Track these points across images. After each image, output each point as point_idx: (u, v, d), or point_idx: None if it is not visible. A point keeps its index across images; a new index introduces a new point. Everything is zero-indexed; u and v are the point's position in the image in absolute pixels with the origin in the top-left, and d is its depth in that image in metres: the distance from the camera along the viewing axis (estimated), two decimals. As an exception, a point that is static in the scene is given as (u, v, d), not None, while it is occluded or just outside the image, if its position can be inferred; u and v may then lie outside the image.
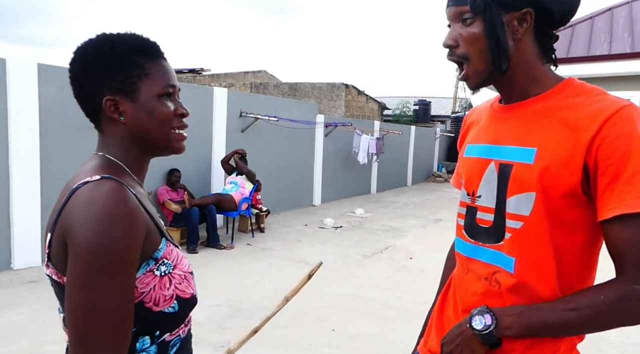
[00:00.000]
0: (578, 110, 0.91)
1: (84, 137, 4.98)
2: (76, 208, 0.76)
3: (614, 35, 7.62)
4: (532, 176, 0.92)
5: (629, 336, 3.53)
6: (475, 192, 1.04)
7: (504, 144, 0.99)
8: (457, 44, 0.97)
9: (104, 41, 0.87)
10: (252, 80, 14.42)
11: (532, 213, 0.93)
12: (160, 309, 0.84)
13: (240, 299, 4.09)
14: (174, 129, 0.91)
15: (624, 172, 0.85)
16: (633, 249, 0.85)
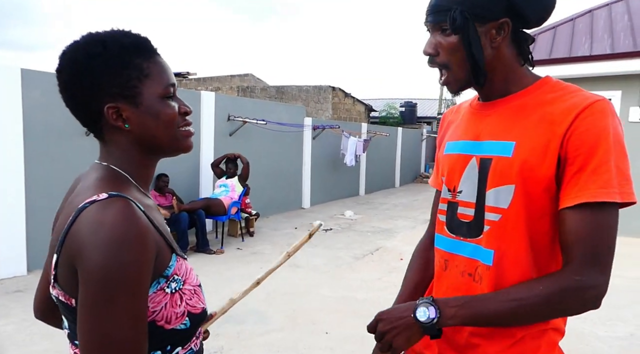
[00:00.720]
0: (555, 105, 0.93)
1: (69, 142, 4.91)
2: (84, 231, 0.72)
3: (595, 37, 7.77)
4: (511, 168, 0.94)
5: (617, 331, 3.60)
6: (456, 187, 1.06)
7: (484, 139, 1.01)
8: (437, 53, 0.99)
9: (94, 42, 0.80)
10: (239, 83, 14.37)
11: (511, 206, 0.95)
12: (172, 326, 0.81)
13: (232, 303, 4.06)
14: (180, 128, 0.87)
15: (591, 163, 0.87)
16: (584, 240, 0.87)
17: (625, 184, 0.88)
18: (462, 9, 0.92)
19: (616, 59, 7.03)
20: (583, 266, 0.87)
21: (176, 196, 6.13)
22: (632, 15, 8.04)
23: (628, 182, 0.89)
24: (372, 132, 12.36)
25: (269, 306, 4.03)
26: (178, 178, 6.47)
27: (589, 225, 0.87)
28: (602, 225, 0.88)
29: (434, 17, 0.97)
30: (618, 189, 0.87)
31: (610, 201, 0.86)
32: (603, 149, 0.87)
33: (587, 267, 0.87)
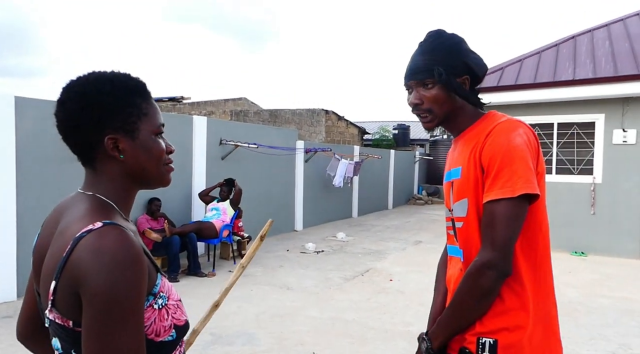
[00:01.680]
0: (480, 132, 1.26)
1: (61, 168, 4.99)
2: (86, 258, 0.78)
3: (577, 62, 8.01)
4: (462, 186, 1.26)
5: (599, 350, 3.65)
6: (449, 207, 1.37)
7: (451, 168, 1.36)
8: (422, 103, 1.30)
9: (103, 80, 0.90)
10: (233, 107, 14.56)
11: (467, 214, 1.25)
12: (161, 339, 0.89)
13: (221, 325, 4.09)
14: (165, 165, 0.97)
15: (492, 170, 1.18)
16: (488, 229, 1.16)
17: (516, 182, 1.14)
18: (442, 67, 1.26)
19: (598, 83, 7.24)
20: (485, 249, 1.16)
21: (168, 220, 6.19)
22: (613, 41, 8.31)
23: (520, 179, 1.15)
24: (364, 154, 12.51)
25: (258, 327, 4.06)
26: (170, 202, 6.54)
27: (491, 217, 1.16)
28: (500, 216, 1.14)
29: (418, 76, 1.29)
30: (510, 188, 1.14)
31: (505, 197, 1.14)
32: (500, 158, 1.17)
33: (487, 249, 1.15)
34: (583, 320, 4.34)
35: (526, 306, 1.18)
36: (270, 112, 13.07)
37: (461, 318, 1.20)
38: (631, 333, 4.04)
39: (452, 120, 1.33)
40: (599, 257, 7.27)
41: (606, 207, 7.44)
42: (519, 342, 1.17)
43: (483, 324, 1.19)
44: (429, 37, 1.32)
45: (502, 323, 1.18)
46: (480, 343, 1.18)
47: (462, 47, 1.31)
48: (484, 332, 1.19)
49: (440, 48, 1.29)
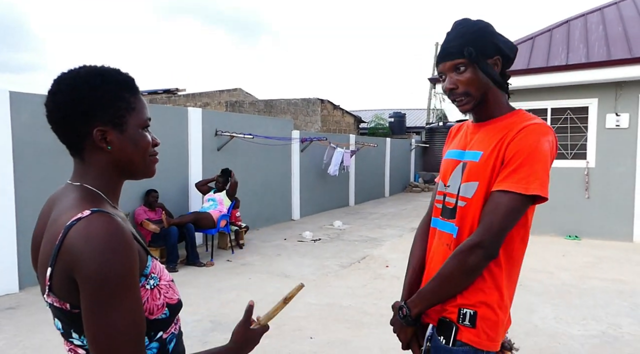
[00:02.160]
0: (511, 127, 1.30)
1: (58, 161, 5.02)
2: (77, 245, 0.83)
3: (571, 47, 8.03)
4: (476, 169, 1.31)
5: (590, 330, 3.74)
6: (446, 183, 1.44)
7: (467, 149, 1.40)
8: (457, 87, 1.33)
9: (94, 74, 0.93)
10: (228, 98, 14.54)
11: (474, 196, 1.31)
12: (155, 317, 0.94)
13: (221, 313, 4.17)
14: (151, 156, 1.02)
15: (513, 165, 1.24)
16: (490, 214, 1.24)
17: (533, 182, 1.21)
18: (473, 48, 1.29)
19: (591, 68, 7.26)
20: (485, 232, 1.23)
21: (166, 211, 6.24)
22: (607, 25, 8.32)
23: (537, 180, 1.22)
24: (360, 143, 12.54)
25: (256, 314, 4.13)
26: (167, 193, 6.59)
27: (496, 204, 1.23)
28: (507, 207, 1.22)
29: (449, 58, 1.32)
30: (524, 185, 1.21)
31: (517, 191, 1.21)
32: (524, 156, 1.23)
33: (482, 231, 1.23)
34: (576, 301, 4.43)
35: (500, 288, 1.29)
36: (266, 103, 13.06)
37: (445, 290, 1.29)
38: (622, 313, 4.13)
39: (485, 103, 1.36)
40: (593, 241, 7.38)
41: (599, 191, 7.53)
42: (495, 316, 1.29)
43: (464, 297, 1.29)
44: (456, 25, 1.36)
45: (481, 298, 1.28)
46: (462, 313, 1.28)
47: (489, 29, 1.33)
48: (465, 304, 1.29)
49: (468, 31, 1.32)
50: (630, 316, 4.05)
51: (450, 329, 1.29)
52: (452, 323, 1.29)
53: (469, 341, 1.27)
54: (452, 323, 1.30)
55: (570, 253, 6.53)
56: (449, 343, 1.29)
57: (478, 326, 1.27)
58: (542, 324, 3.84)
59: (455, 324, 1.29)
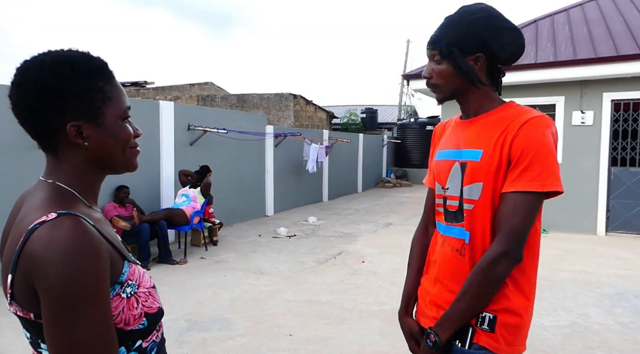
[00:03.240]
0: (509, 120, 1.24)
1: (20, 157, 4.81)
2: (38, 251, 0.75)
3: (539, 45, 8.25)
4: (479, 170, 1.24)
5: (560, 321, 3.86)
6: (444, 185, 1.36)
7: (462, 148, 1.32)
8: (431, 77, 1.32)
9: (62, 63, 0.84)
10: (199, 92, 14.28)
11: (480, 197, 1.25)
12: (131, 328, 0.87)
13: (196, 312, 4.09)
14: (131, 148, 0.94)
15: (523, 162, 1.18)
16: (510, 220, 1.18)
17: (547, 178, 1.17)
18: (447, 43, 1.26)
19: (559, 66, 7.49)
20: (509, 238, 1.17)
21: (137, 207, 6.07)
22: (572, 25, 8.59)
23: (551, 175, 1.18)
24: (333, 138, 12.55)
25: (233, 312, 4.08)
26: (138, 189, 6.41)
27: (513, 207, 1.18)
28: (523, 208, 1.18)
29: (430, 46, 1.32)
30: (540, 183, 1.17)
31: (533, 190, 1.17)
32: (533, 153, 1.18)
33: (511, 239, 1.17)
34: (546, 293, 4.56)
35: (524, 290, 1.25)
36: (238, 97, 12.90)
37: (475, 308, 1.21)
38: (590, 303, 4.28)
39: (465, 99, 1.32)
40: (560, 234, 7.62)
41: (566, 186, 7.55)
42: (519, 319, 1.24)
43: None
44: (457, 10, 1.30)
45: (505, 304, 1.22)
46: (480, 317, 1.22)
47: (485, 22, 1.25)
48: (486, 309, 1.23)
49: (455, 23, 1.27)
50: (597, 306, 4.21)
51: (467, 332, 1.24)
52: (468, 325, 1.24)
53: (486, 344, 1.22)
54: (468, 325, 1.24)
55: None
56: (464, 345, 1.23)
57: (497, 331, 1.22)
58: (516, 316, 3.93)
59: (473, 327, 1.23)
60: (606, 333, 3.61)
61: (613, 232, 7.55)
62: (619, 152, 7.54)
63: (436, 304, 1.36)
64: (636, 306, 4.19)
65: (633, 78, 7.20)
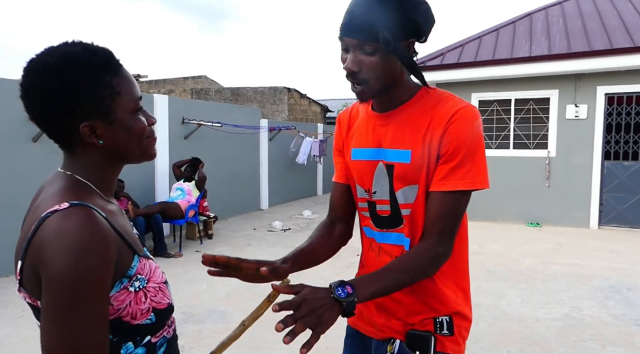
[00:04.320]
0: (434, 114, 1.13)
1: (15, 149, 4.77)
2: (47, 239, 0.75)
3: (534, 39, 8.25)
4: (412, 172, 1.14)
5: (553, 313, 3.90)
6: (370, 189, 1.24)
7: (385, 147, 1.19)
8: (360, 70, 1.09)
9: (66, 63, 0.82)
10: (193, 86, 14.20)
11: (417, 201, 1.16)
12: (138, 322, 0.86)
13: (192, 304, 4.10)
14: (147, 138, 0.92)
15: (454, 160, 1.10)
16: (443, 220, 1.12)
17: (477, 175, 1.11)
18: (384, 31, 1.03)
19: (553, 60, 7.50)
20: (442, 238, 1.12)
21: (132, 201, 6.05)
22: (567, 19, 8.60)
23: (480, 172, 1.12)
24: (328, 132, 12.54)
25: (229, 305, 4.09)
26: (133, 183, 6.38)
27: (446, 207, 1.12)
28: (455, 207, 1.12)
29: (357, 35, 1.05)
30: (470, 181, 1.11)
31: (464, 189, 1.11)
32: (465, 149, 1.10)
33: (444, 239, 1.12)
34: (539, 286, 4.60)
35: (461, 284, 1.24)
36: (232, 91, 12.84)
37: (401, 285, 1.10)
38: (582, 296, 4.33)
39: (387, 92, 1.16)
40: (553, 228, 7.68)
41: (559, 180, 7.82)
42: (469, 313, 1.25)
43: (436, 306, 1.21)
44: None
45: (452, 303, 1.21)
46: (438, 322, 1.19)
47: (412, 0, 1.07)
48: (440, 312, 1.20)
49: (384, 3, 1.04)
50: (590, 299, 4.25)
51: (428, 342, 1.17)
52: (429, 335, 1.18)
53: (451, 350, 1.19)
54: (429, 335, 1.18)
55: (532, 240, 6.77)
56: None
57: (455, 332, 1.20)
58: (510, 309, 3.98)
59: (434, 335, 1.18)
60: (599, 325, 3.65)
61: (606, 226, 7.61)
62: (612, 146, 7.59)
63: (386, 310, 1.26)
64: (628, 299, 4.24)
65: (627, 71, 7.23)
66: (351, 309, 0.98)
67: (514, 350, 3.22)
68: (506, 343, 3.33)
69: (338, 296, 0.98)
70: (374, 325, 1.28)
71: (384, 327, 1.25)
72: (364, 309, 1.30)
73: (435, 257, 1.12)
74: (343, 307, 0.97)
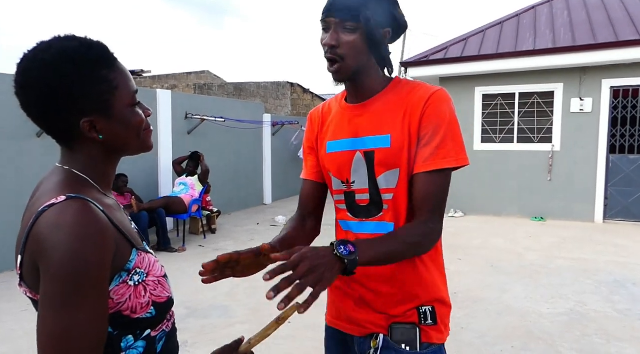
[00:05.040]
0: (410, 99, 1.17)
1: (19, 145, 4.77)
2: (45, 233, 0.76)
3: (538, 32, 8.18)
4: (393, 156, 1.16)
5: (558, 308, 3.88)
6: (349, 179, 1.25)
7: (363, 135, 1.21)
8: (339, 45, 1.14)
9: (63, 60, 0.81)
10: (196, 81, 14.18)
11: (398, 185, 1.18)
12: (138, 316, 0.86)
13: (195, 299, 4.10)
14: (145, 130, 0.94)
15: (435, 139, 1.13)
16: (433, 199, 1.14)
17: (459, 152, 1.15)
18: (370, 14, 1.12)
19: (557, 53, 7.43)
20: (433, 217, 1.14)
21: (135, 196, 6.06)
22: (571, 11, 8.51)
23: (461, 150, 1.15)
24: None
25: (233, 300, 4.10)
26: (137, 178, 6.39)
27: (434, 186, 1.14)
28: (442, 185, 1.15)
29: (341, 14, 1.12)
30: (454, 158, 1.14)
31: (449, 166, 1.14)
32: (444, 128, 1.13)
33: (435, 217, 1.14)
34: (543, 281, 4.59)
35: (440, 268, 1.25)
36: (235, 86, 12.82)
37: (398, 256, 1.11)
38: (587, 290, 4.31)
39: (362, 79, 1.20)
40: (557, 222, 7.64)
41: (564, 174, 7.78)
42: (448, 300, 1.26)
43: (419, 295, 1.20)
44: None
45: (436, 294, 1.22)
46: (422, 312, 1.20)
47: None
48: (423, 302, 1.20)
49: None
50: (594, 293, 4.23)
51: (414, 334, 1.18)
52: (413, 327, 1.18)
53: (436, 339, 1.19)
54: (413, 326, 1.19)
55: (537, 234, 6.74)
56: (415, 348, 1.17)
57: (438, 321, 1.20)
58: (514, 304, 3.96)
59: (418, 327, 1.18)
60: (603, 320, 3.64)
61: (611, 220, 7.57)
62: (617, 140, 7.53)
63: (366, 304, 1.24)
64: (633, 294, 4.22)
65: (632, 64, 7.16)
66: (352, 268, 0.97)
67: (518, 345, 3.21)
68: (510, 338, 3.32)
69: (340, 253, 0.96)
70: (354, 321, 1.27)
71: (365, 322, 1.24)
72: (341, 305, 1.30)
73: (430, 233, 1.13)
74: (345, 265, 0.96)
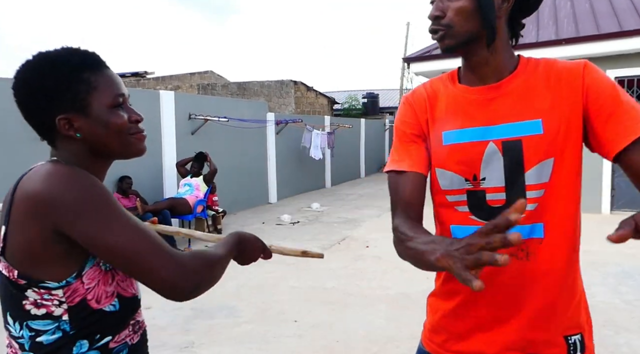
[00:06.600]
0: (556, 75, 1.00)
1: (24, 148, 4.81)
2: (38, 189, 0.79)
3: (541, 24, 8.12)
4: (547, 144, 0.98)
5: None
6: (477, 176, 1.03)
7: (502, 122, 1.01)
8: (444, 15, 1.00)
9: (43, 62, 0.88)
10: (199, 81, 14.20)
11: (552, 177, 0.99)
12: (100, 307, 0.86)
13: (202, 300, 4.09)
14: (132, 135, 0.93)
15: (621, 106, 0.94)
16: None
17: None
18: None
19: (561, 45, 7.37)
20: None
21: (140, 197, 6.09)
22: (574, 2, 8.44)
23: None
24: (335, 124, 12.50)
25: (239, 299, 4.11)
26: (141, 179, 6.42)
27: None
28: None
29: None
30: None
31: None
32: (618, 93, 0.95)
33: None
34: (550, 274, 4.56)
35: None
36: (238, 85, 12.84)
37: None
38: (595, 282, 4.28)
39: (477, 52, 1.02)
40: (564, 214, 7.58)
41: (570, 166, 7.70)
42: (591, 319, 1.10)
43: (566, 320, 1.04)
44: None
45: (583, 311, 1.08)
46: (570, 344, 1.03)
47: None
48: (570, 329, 1.04)
49: None
50: (603, 285, 4.20)
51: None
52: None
53: None
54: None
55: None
56: None
57: (587, 346, 1.04)
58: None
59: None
60: (612, 311, 3.61)
61: (618, 211, 7.51)
62: (623, 130, 7.46)
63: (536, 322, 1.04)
64: (641, 284, 4.19)
65: (637, 54, 7.08)
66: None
67: (525, 339, 3.20)
68: (517, 332, 3.30)
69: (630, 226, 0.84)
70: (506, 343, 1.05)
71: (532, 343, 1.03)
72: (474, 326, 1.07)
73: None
74: None
